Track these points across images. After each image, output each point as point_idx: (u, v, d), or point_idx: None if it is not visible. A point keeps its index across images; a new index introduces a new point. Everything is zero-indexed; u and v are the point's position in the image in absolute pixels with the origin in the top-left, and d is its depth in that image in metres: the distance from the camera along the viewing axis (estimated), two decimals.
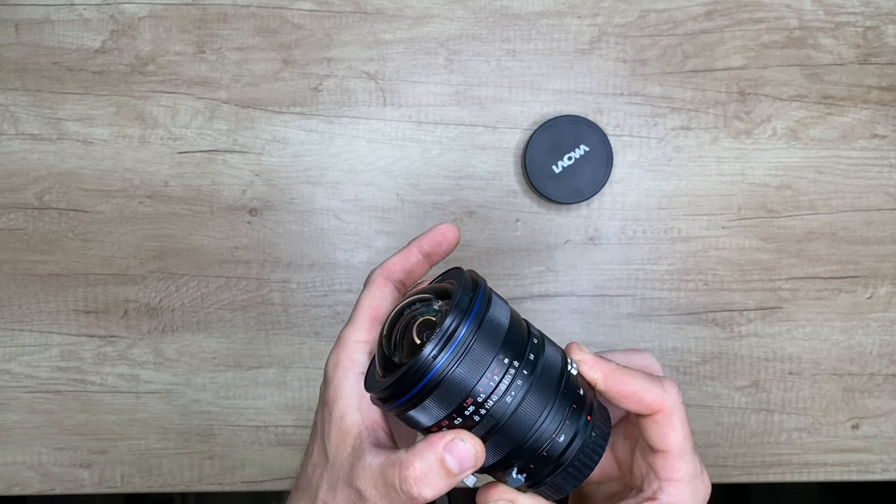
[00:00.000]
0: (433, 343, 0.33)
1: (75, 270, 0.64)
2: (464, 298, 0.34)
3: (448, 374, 0.33)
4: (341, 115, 0.63)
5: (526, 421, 0.34)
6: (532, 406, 0.34)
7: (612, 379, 0.37)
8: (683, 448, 0.37)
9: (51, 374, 0.64)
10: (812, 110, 0.64)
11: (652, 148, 0.64)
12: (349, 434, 0.37)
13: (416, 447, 0.34)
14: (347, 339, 0.39)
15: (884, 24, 0.64)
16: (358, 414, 0.37)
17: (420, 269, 0.41)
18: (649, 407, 0.37)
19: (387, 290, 0.40)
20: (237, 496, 0.68)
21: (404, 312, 0.36)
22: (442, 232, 0.41)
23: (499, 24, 0.63)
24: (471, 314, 0.34)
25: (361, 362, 0.39)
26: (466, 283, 0.35)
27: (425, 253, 0.41)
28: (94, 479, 0.65)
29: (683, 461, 0.37)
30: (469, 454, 0.34)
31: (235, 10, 0.63)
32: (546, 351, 0.36)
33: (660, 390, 0.37)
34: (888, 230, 0.64)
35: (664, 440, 0.37)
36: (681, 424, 0.37)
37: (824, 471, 0.66)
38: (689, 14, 0.63)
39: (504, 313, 0.35)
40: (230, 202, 0.64)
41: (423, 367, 0.33)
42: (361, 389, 0.38)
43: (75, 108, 0.63)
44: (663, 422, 0.37)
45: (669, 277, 0.64)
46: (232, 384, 0.65)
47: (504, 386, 0.34)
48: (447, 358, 0.33)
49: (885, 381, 0.65)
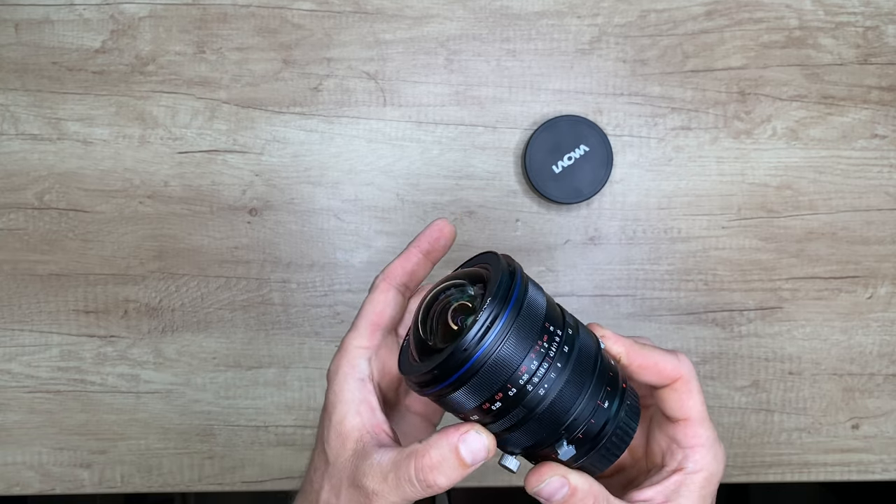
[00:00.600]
0: (477, 327, 0.34)
1: (75, 270, 0.64)
2: (504, 282, 0.35)
3: (491, 357, 0.34)
4: (341, 115, 0.63)
5: (565, 402, 0.35)
6: (570, 388, 0.35)
7: (633, 352, 0.38)
8: (703, 414, 0.39)
9: (51, 374, 0.64)
10: (812, 110, 0.64)
11: (652, 148, 0.64)
12: (349, 437, 0.37)
13: (430, 439, 0.35)
14: (349, 345, 0.40)
15: (884, 24, 0.64)
16: (358, 418, 0.38)
17: (422, 270, 0.42)
18: (668, 376, 0.39)
19: (390, 296, 0.41)
20: (237, 496, 0.68)
21: (439, 297, 0.37)
22: (439, 228, 0.42)
23: (499, 24, 0.63)
24: (511, 298, 0.34)
25: (362, 368, 0.39)
26: (504, 267, 0.36)
27: (425, 252, 0.41)
28: (94, 479, 0.65)
29: (704, 427, 0.39)
30: (482, 446, 0.35)
31: (235, 10, 0.63)
32: (580, 333, 0.37)
33: (675, 360, 0.39)
34: (888, 230, 0.64)
35: (684, 407, 0.39)
36: (698, 391, 0.39)
37: (824, 471, 0.66)
38: (689, 14, 0.63)
39: (541, 298, 0.36)
40: (230, 202, 0.64)
41: (467, 350, 0.34)
42: (363, 395, 0.38)
43: (75, 108, 0.63)
44: (682, 389, 0.39)
45: (669, 277, 0.64)
46: (232, 384, 0.65)
47: (544, 368, 0.35)
48: (491, 341, 0.34)
49: (885, 381, 0.65)
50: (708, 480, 0.39)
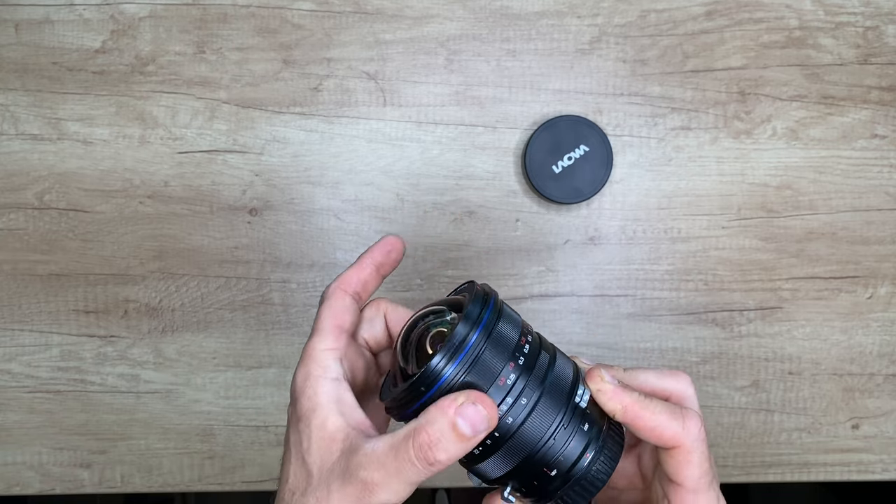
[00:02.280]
0: (443, 353, 0.33)
1: (75, 270, 0.64)
2: (474, 310, 0.35)
3: (457, 383, 0.33)
4: (341, 115, 0.63)
5: (534, 434, 0.34)
6: (541, 419, 0.34)
7: (630, 412, 0.36)
8: (699, 485, 0.37)
9: (51, 374, 0.64)
10: (812, 110, 0.64)
11: (652, 148, 0.64)
12: (335, 439, 0.36)
13: (426, 413, 0.34)
14: (314, 349, 0.38)
15: (884, 24, 0.64)
16: (341, 417, 0.36)
17: (373, 282, 0.41)
18: (667, 443, 0.37)
19: (347, 301, 0.40)
20: (237, 496, 0.68)
21: (418, 325, 0.37)
22: (390, 243, 0.42)
23: (499, 24, 0.63)
24: (480, 325, 0.34)
25: (333, 369, 0.38)
26: (477, 294, 0.36)
27: (377, 264, 0.41)
28: (94, 479, 0.65)
29: (696, 498, 0.37)
30: (480, 416, 0.33)
31: (235, 10, 0.63)
32: (557, 364, 0.36)
33: (679, 427, 0.36)
34: (888, 230, 0.64)
35: (678, 475, 0.37)
36: (698, 462, 0.37)
37: (824, 471, 0.66)
38: (689, 14, 0.63)
39: (515, 326, 0.36)
40: (230, 202, 0.64)
41: (431, 376, 0.33)
42: (339, 394, 0.37)
43: (75, 108, 0.63)
44: (680, 458, 0.37)
45: (669, 277, 0.64)
46: (232, 384, 0.65)
47: (512, 398, 0.34)
48: (455, 367, 0.33)
49: (885, 381, 0.65)
50: None
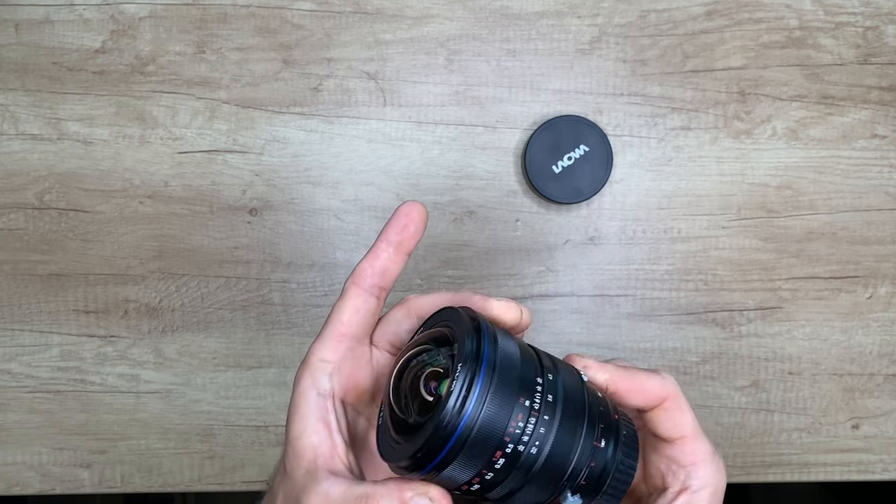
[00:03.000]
0: (454, 396, 0.31)
1: (75, 270, 0.64)
2: (471, 343, 0.32)
3: (476, 426, 0.31)
4: (341, 115, 0.63)
5: (561, 454, 0.33)
6: (564, 437, 0.33)
7: (617, 377, 0.37)
8: (697, 429, 0.38)
9: (51, 374, 0.64)
10: (812, 110, 0.64)
11: (652, 148, 0.64)
12: (302, 457, 0.35)
13: (385, 485, 0.33)
14: (313, 355, 0.38)
15: (884, 24, 0.64)
16: (315, 436, 0.36)
17: (395, 265, 0.38)
18: (657, 396, 0.37)
19: (359, 301, 0.38)
20: (237, 496, 0.68)
21: (409, 366, 0.34)
22: (405, 213, 0.38)
23: (499, 24, 0.63)
24: (483, 358, 0.32)
25: (322, 383, 0.37)
26: (467, 325, 0.33)
27: (395, 244, 0.38)
28: (94, 479, 0.65)
29: (701, 441, 0.38)
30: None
31: (235, 10, 0.63)
32: (561, 373, 0.35)
33: (660, 379, 0.38)
34: (888, 230, 0.64)
35: (677, 425, 0.38)
36: (688, 408, 0.38)
37: (824, 471, 0.66)
38: (689, 14, 0.63)
39: (513, 349, 0.34)
40: (230, 202, 0.64)
41: (448, 424, 0.31)
42: (321, 413, 0.36)
43: (75, 108, 0.63)
44: (672, 407, 0.38)
45: (669, 277, 0.64)
46: (232, 384, 0.65)
47: (532, 424, 0.32)
48: (472, 409, 0.31)
49: (885, 381, 0.65)
50: (714, 495, 0.38)
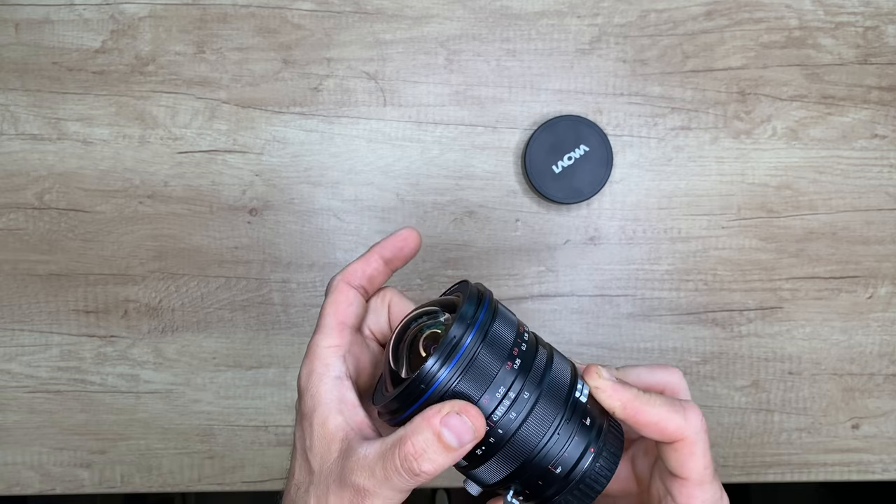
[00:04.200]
0: (437, 355, 0.32)
1: (75, 270, 0.64)
2: (468, 310, 0.33)
3: (452, 386, 0.32)
4: (341, 115, 0.63)
5: (532, 436, 0.33)
6: (538, 421, 0.33)
7: (630, 408, 0.35)
8: (703, 477, 0.36)
9: (51, 374, 0.64)
10: (812, 110, 0.64)
11: (652, 148, 0.64)
12: (335, 438, 0.35)
13: (412, 423, 0.33)
14: (317, 346, 0.38)
15: (884, 24, 0.64)
16: (341, 417, 0.36)
17: (381, 276, 0.40)
18: (670, 437, 0.36)
19: (350, 295, 0.39)
20: (237, 496, 0.68)
21: (410, 326, 0.36)
22: (403, 238, 0.40)
23: (499, 24, 0.63)
24: (475, 326, 0.33)
25: (336, 367, 0.37)
26: (472, 294, 0.34)
27: (386, 259, 0.40)
28: (94, 479, 0.65)
29: (702, 490, 0.37)
30: (465, 428, 0.32)
31: (235, 10, 0.63)
32: (554, 365, 0.35)
33: (681, 419, 0.36)
34: (888, 230, 0.64)
35: (683, 468, 0.36)
36: (702, 454, 0.36)
37: (824, 471, 0.66)
38: (689, 14, 0.63)
39: (510, 326, 0.34)
40: (230, 202, 0.64)
41: (426, 379, 0.32)
42: (341, 393, 0.36)
43: (75, 108, 0.63)
44: (683, 451, 0.36)
45: (669, 277, 0.64)
46: (232, 384, 0.65)
47: (509, 400, 0.33)
48: (450, 370, 0.32)
49: (885, 381, 0.65)
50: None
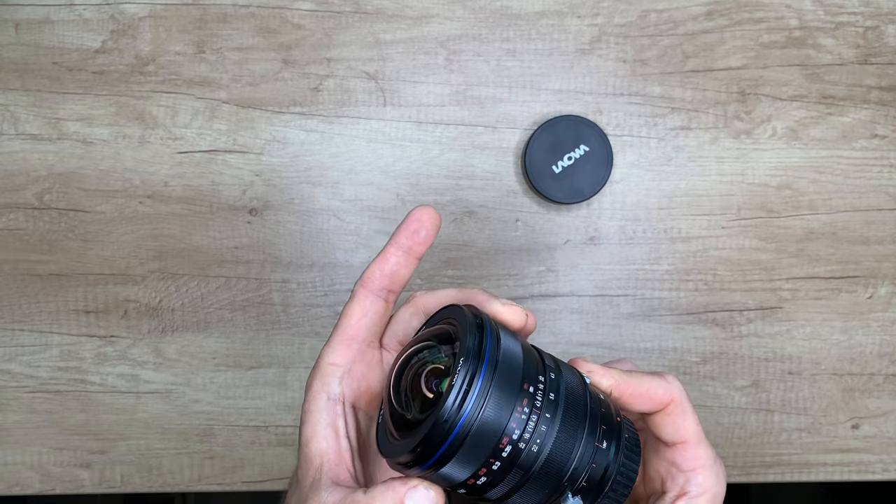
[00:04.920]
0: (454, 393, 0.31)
1: (75, 270, 0.64)
2: (473, 340, 0.32)
3: (475, 423, 0.31)
4: (341, 115, 0.63)
5: (562, 454, 0.33)
6: (565, 437, 0.33)
7: (622, 384, 0.37)
8: (699, 434, 0.38)
9: (51, 374, 0.64)
10: (812, 110, 0.64)
11: (652, 148, 0.64)
12: (311, 462, 0.36)
13: (375, 489, 0.33)
14: (323, 360, 0.38)
15: (884, 24, 0.64)
16: (323, 442, 0.36)
17: (405, 269, 0.38)
18: (661, 401, 0.37)
19: (367, 304, 0.38)
20: (237, 496, 0.68)
21: (410, 363, 0.35)
22: (417, 218, 0.37)
23: (499, 24, 0.63)
24: (485, 355, 0.32)
25: (332, 387, 0.37)
26: (470, 322, 0.33)
27: (405, 248, 0.37)
28: (94, 479, 0.65)
29: (702, 447, 0.38)
30: (429, 499, 0.32)
31: (235, 10, 0.63)
32: (564, 373, 0.35)
33: (665, 383, 0.38)
34: (888, 230, 0.64)
35: (680, 430, 0.38)
36: (691, 412, 0.38)
37: (824, 471, 0.66)
38: (689, 14, 0.63)
39: (515, 347, 0.33)
40: (230, 202, 0.64)
41: (447, 420, 0.31)
42: (331, 418, 0.36)
43: (75, 108, 0.63)
44: (676, 412, 0.38)
45: (669, 277, 0.64)
46: (232, 384, 0.65)
47: (533, 422, 0.32)
48: (472, 406, 0.31)
49: (885, 381, 0.65)
50: (712, 502, 0.38)
